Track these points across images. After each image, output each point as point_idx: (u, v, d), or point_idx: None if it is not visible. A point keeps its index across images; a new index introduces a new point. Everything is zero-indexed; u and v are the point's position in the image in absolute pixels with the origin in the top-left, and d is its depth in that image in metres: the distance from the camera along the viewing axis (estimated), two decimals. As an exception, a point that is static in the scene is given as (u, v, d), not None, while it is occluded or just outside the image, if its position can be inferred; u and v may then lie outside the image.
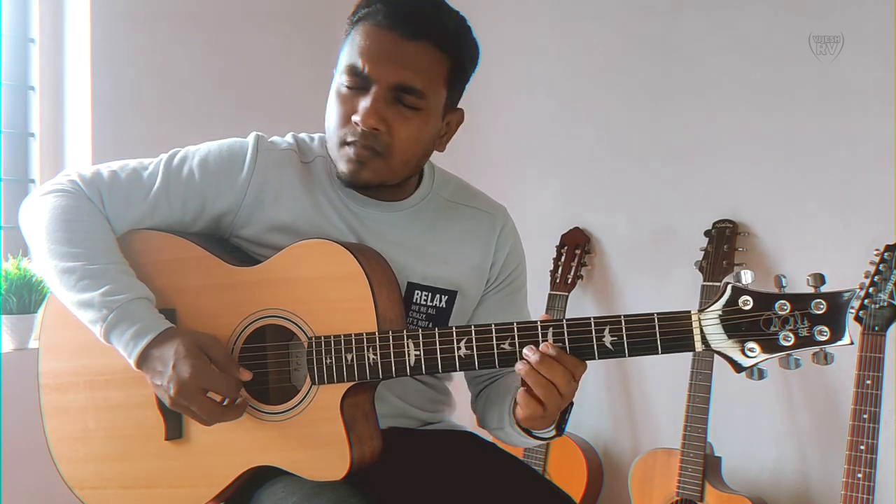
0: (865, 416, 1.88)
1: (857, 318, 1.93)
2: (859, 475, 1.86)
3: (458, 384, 1.52)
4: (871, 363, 1.91)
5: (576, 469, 2.44)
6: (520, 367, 1.13)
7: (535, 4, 2.78)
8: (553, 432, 1.24)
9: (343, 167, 1.28)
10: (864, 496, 1.85)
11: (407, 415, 1.41)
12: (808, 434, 2.25)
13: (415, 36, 1.23)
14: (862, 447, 1.87)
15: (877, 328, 1.92)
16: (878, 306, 1.92)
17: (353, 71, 1.24)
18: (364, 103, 1.23)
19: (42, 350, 1.38)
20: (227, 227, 1.35)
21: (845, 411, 1.99)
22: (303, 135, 1.42)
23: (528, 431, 1.25)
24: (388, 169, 1.28)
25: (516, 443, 1.33)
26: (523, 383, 1.14)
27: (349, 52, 1.25)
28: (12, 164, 2.46)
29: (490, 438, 1.46)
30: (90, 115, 2.42)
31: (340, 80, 1.26)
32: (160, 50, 2.57)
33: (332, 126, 1.28)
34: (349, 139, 1.25)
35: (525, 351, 1.13)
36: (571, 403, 1.22)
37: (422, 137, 1.28)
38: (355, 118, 1.23)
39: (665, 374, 2.45)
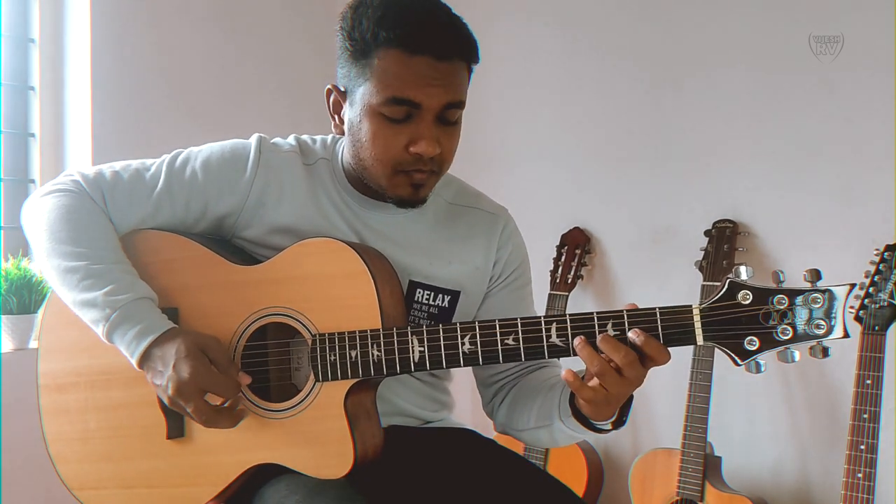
0: (865, 416, 1.89)
1: (858, 318, 1.93)
2: (859, 475, 1.87)
3: (458, 384, 1.51)
4: (871, 363, 1.91)
5: (576, 469, 2.44)
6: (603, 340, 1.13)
7: (535, 4, 2.78)
8: (609, 426, 1.24)
9: (402, 192, 1.28)
10: (864, 496, 1.85)
11: (408, 414, 1.41)
12: (808, 434, 2.25)
13: (446, 55, 1.22)
14: (862, 447, 1.87)
15: (877, 328, 1.92)
16: (878, 306, 1.93)
17: (397, 102, 1.21)
18: (419, 132, 1.22)
19: (42, 351, 1.38)
20: (229, 229, 1.35)
21: (845, 411, 1.99)
22: (305, 137, 1.42)
23: (588, 423, 1.24)
24: (437, 180, 1.31)
25: (560, 438, 1.31)
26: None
27: (384, 83, 1.21)
28: (12, 164, 2.46)
29: (492, 435, 1.46)
30: (90, 116, 2.42)
31: (380, 109, 1.22)
32: (160, 50, 2.57)
33: (378, 155, 1.25)
34: (409, 168, 1.25)
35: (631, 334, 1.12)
36: (631, 397, 1.22)
37: (458, 142, 1.31)
38: (415, 149, 1.23)
39: (665, 373, 2.43)
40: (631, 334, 1.12)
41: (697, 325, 1.10)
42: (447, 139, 1.26)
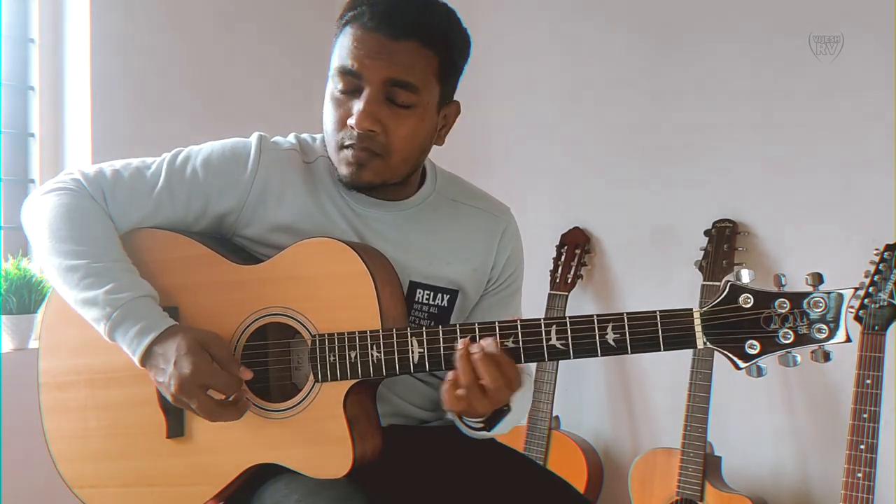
0: (865, 416, 1.89)
1: (857, 318, 1.93)
2: (859, 475, 1.87)
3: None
4: (871, 363, 1.91)
5: (576, 469, 2.44)
6: (459, 346, 1.15)
7: (535, 6, 2.78)
8: (481, 425, 1.25)
9: (343, 170, 1.28)
10: (864, 496, 1.85)
11: (407, 414, 1.42)
12: (808, 433, 2.26)
13: (400, 36, 1.22)
14: (862, 447, 1.87)
15: (877, 328, 1.92)
16: (877, 306, 1.92)
17: (343, 72, 1.25)
18: (358, 106, 1.24)
19: (42, 349, 1.38)
20: (229, 227, 1.35)
21: (845, 411, 1.99)
22: (305, 135, 1.42)
23: (459, 418, 1.27)
24: (387, 168, 1.29)
25: (460, 427, 1.33)
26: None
27: (338, 55, 1.26)
28: (12, 164, 2.46)
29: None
30: (90, 116, 2.42)
31: (334, 83, 1.27)
32: (160, 50, 2.57)
33: (328, 130, 1.29)
34: (346, 143, 1.26)
35: (471, 347, 1.14)
36: (509, 408, 1.22)
37: (419, 134, 1.29)
38: (350, 121, 1.24)
39: (665, 373, 2.45)
40: (484, 342, 1.14)
41: (698, 328, 1.10)
42: (393, 121, 1.25)
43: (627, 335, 1.12)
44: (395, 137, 1.26)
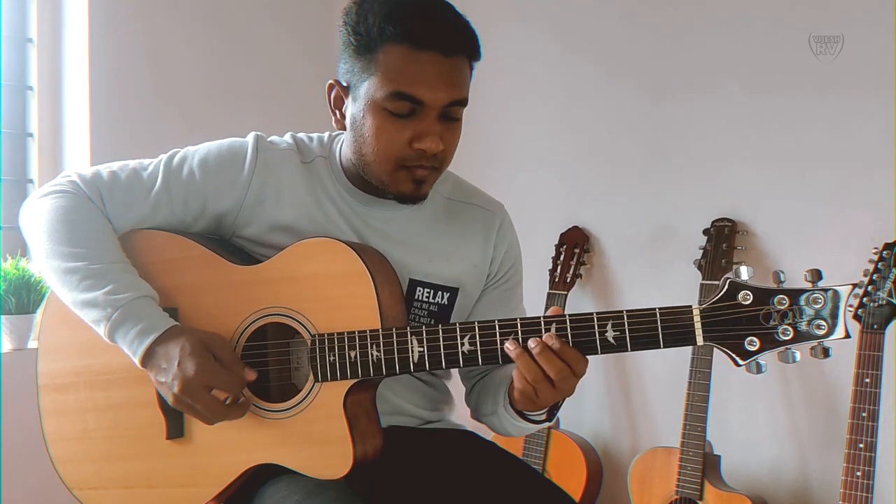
0: (864, 415, 1.89)
1: (856, 317, 1.93)
2: (858, 473, 1.87)
3: (458, 384, 1.52)
4: (870, 361, 1.91)
5: (575, 468, 2.44)
6: (510, 347, 1.15)
7: (533, 5, 2.78)
8: (543, 416, 1.26)
9: (405, 188, 1.28)
10: (864, 494, 1.85)
11: (407, 413, 1.42)
12: (807, 432, 2.26)
13: (452, 52, 1.22)
14: (861, 445, 1.87)
15: (875, 326, 1.92)
16: (876, 304, 1.92)
17: (402, 97, 1.21)
18: (424, 129, 1.23)
19: (41, 351, 1.38)
20: (228, 228, 1.35)
21: (844, 409, 1.99)
22: (301, 135, 1.42)
23: (521, 414, 1.26)
24: (438, 176, 1.32)
25: (508, 427, 1.33)
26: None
27: (388, 77, 1.21)
28: (11, 164, 2.46)
29: (490, 437, 1.47)
30: (88, 116, 2.42)
31: (384, 104, 1.22)
32: (159, 50, 2.57)
33: (381, 150, 1.25)
34: (411, 163, 1.26)
35: (529, 343, 1.14)
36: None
37: (459, 139, 1.31)
38: (420, 145, 1.23)
39: (664, 372, 2.45)
40: (546, 338, 1.14)
41: (698, 325, 1.10)
42: (449, 135, 1.26)
43: (627, 332, 1.12)
44: (450, 149, 1.28)
